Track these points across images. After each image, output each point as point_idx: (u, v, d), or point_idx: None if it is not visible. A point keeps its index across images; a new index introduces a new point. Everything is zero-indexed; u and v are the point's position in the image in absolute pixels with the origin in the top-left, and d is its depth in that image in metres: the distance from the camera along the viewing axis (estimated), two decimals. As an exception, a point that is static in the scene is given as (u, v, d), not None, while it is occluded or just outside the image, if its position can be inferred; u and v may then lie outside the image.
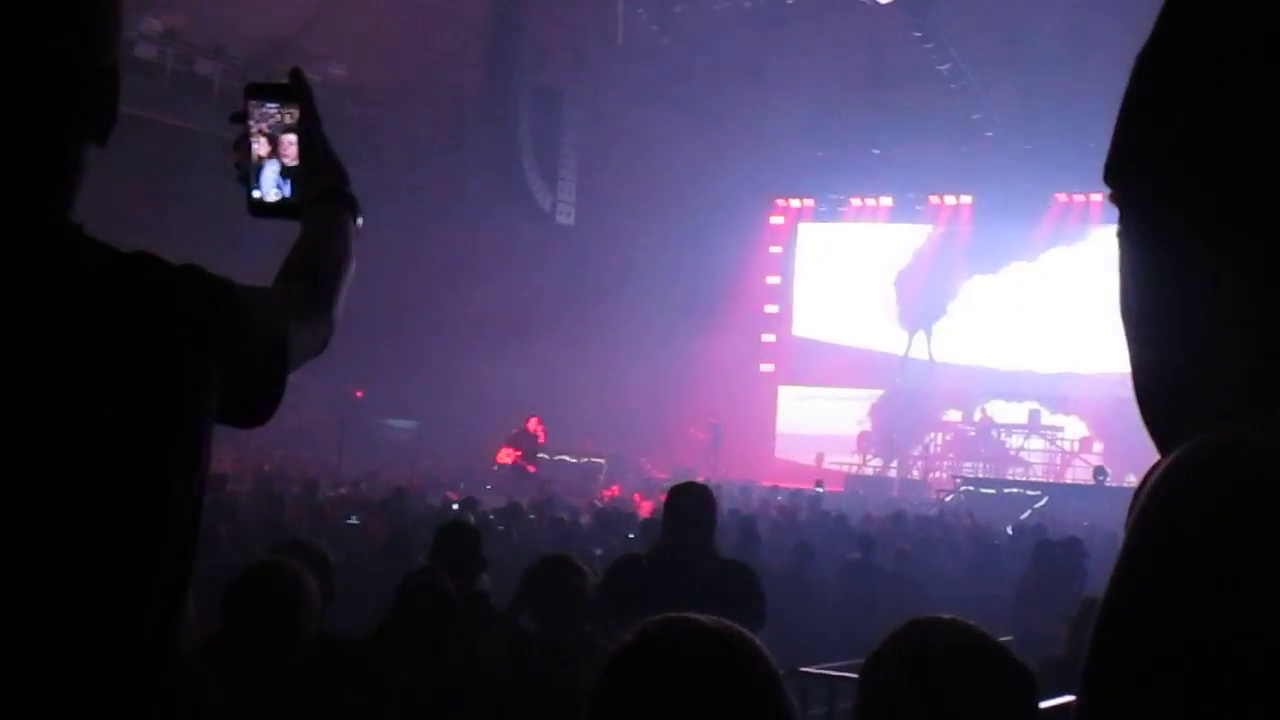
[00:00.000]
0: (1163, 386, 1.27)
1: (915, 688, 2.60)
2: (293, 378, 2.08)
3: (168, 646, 1.82)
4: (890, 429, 36.38)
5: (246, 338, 1.97)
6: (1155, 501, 1.14)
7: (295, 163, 2.45)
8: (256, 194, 2.46)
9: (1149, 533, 1.13)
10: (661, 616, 2.19)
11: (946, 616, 2.74)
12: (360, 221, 2.45)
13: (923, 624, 2.70)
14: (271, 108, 2.45)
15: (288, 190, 2.45)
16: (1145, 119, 1.27)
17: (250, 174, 2.46)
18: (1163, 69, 1.26)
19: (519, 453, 29.04)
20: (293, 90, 2.46)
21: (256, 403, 2.05)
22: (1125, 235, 1.30)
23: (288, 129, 2.45)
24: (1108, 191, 1.30)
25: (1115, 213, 1.30)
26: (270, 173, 2.45)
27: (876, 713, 2.65)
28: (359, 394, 31.77)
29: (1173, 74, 1.25)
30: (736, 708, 2.11)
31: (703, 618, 2.19)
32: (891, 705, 2.63)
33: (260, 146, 2.44)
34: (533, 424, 28.60)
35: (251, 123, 2.46)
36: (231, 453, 25.35)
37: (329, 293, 2.28)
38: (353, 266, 2.37)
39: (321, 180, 2.44)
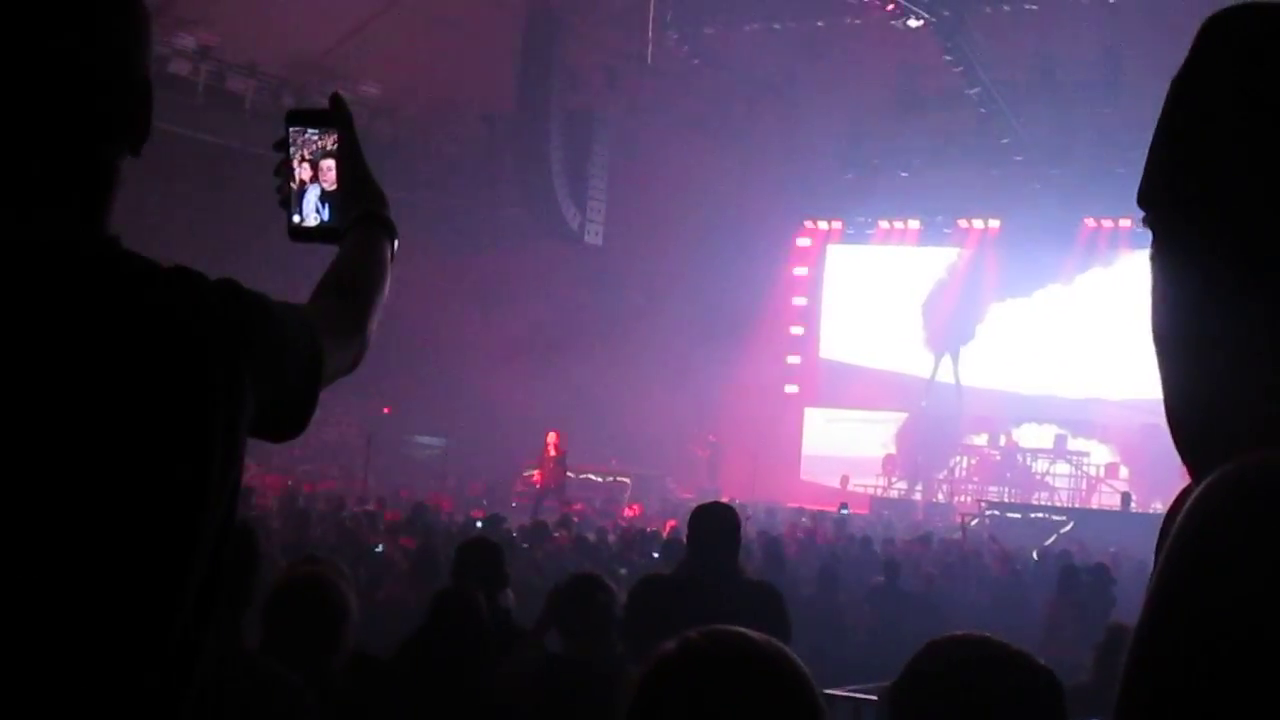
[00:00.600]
0: (1195, 410, 1.27)
1: (943, 704, 2.61)
2: (322, 394, 2.10)
3: (197, 655, 1.83)
4: (916, 452, 36.26)
5: (280, 353, 1.99)
6: (1192, 527, 1.13)
7: (335, 187, 2.46)
8: (296, 219, 2.48)
9: (1187, 558, 1.12)
10: (705, 628, 2.20)
11: (964, 633, 2.76)
12: (396, 245, 2.47)
13: (944, 642, 2.71)
14: (312, 134, 2.47)
15: (327, 215, 2.47)
16: (1181, 146, 1.27)
17: (291, 199, 2.48)
18: (1199, 97, 1.26)
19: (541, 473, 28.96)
20: (333, 116, 2.48)
21: (288, 418, 2.06)
22: (1157, 259, 1.30)
23: (328, 154, 2.46)
24: (1141, 215, 1.30)
25: (1144, 238, 1.30)
26: (311, 197, 2.47)
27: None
28: (386, 411, 31.83)
29: (1209, 102, 1.25)
30: None
31: (746, 631, 2.19)
32: (921, 713, 2.64)
33: (302, 172, 2.46)
34: (550, 439, 28.58)
35: (293, 149, 2.47)
36: (256, 468, 25.41)
37: (363, 312, 2.30)
38: (387, 288, 2.39)
39: (361, 204, 2.46)
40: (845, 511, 27.09)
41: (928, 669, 2.66)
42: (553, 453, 28.09)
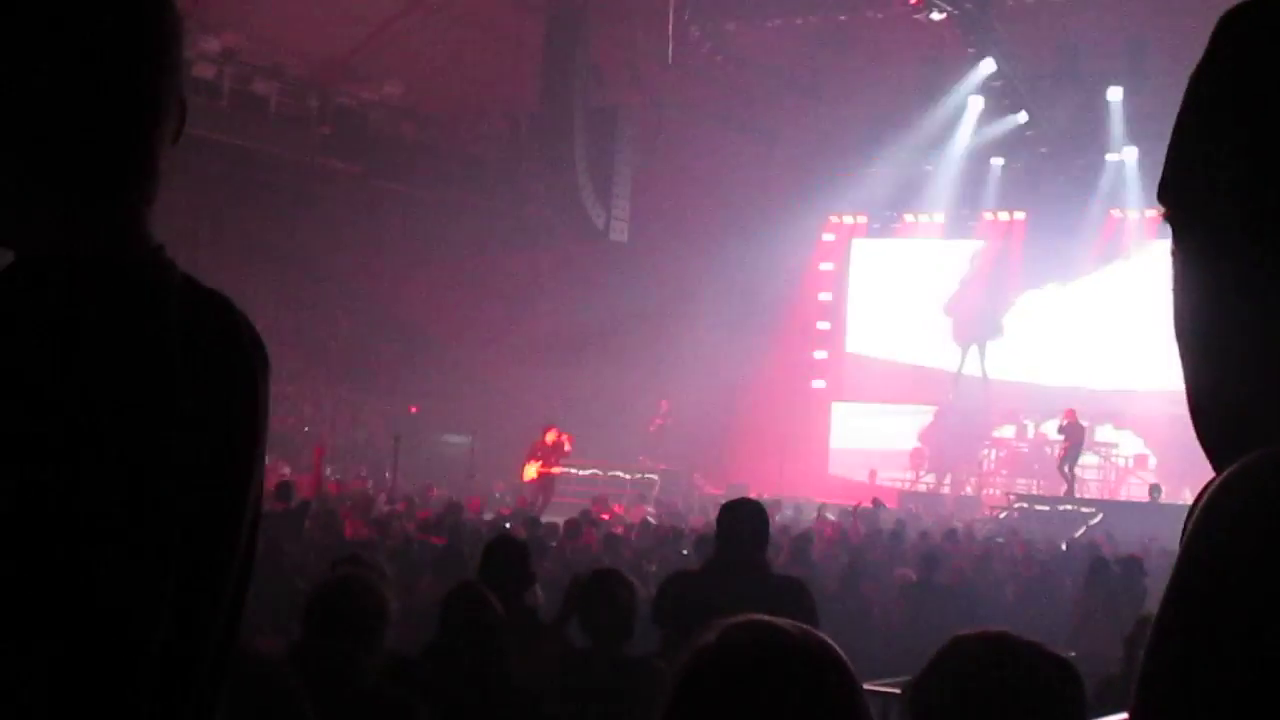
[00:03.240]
0: (1217, 404, 1.27)
1: (961, 700, 2.62)
2: (350, 394, 2.11)
3: (227, 661, 1.85)
4: (944, 446, 36.20)
5: None
6: (1210, 518, 1.14)
7: None
8: None
9: (1204, 549, 1.13)
10: (744, 618, 2.20)
11: (983, 628, 2.77)
12: None
13: (962, 638, 2.73)
14: None
15: None
16: (1198, 141, 1.27)
17: None
18: (1216, 91, 1.26)
19: (542, 464, 28.89)
20: None
21: None
22: (1178, 254, 1.30)
23: None
24: (1162, 210, 1.30)
25: (1168, 230, 1.30)
26: None
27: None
28: (414, 410, 31.87)
29: (1226, 97, 1.25)
30: (817, 714, 2.11)
31: (785, 622, 2.19)
32: (936, 712, 2.65)
33: None
34: (551, 435, 28.64)
35: None
36: (285, 465, 25.49)
37: None
38: None
39: None
40: (879, 506, 26.87)
41: (945, 665, 2.67)
42: (565, 450, 28.18)
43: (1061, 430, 29.80)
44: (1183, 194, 1.29)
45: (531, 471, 28.85)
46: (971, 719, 2.63)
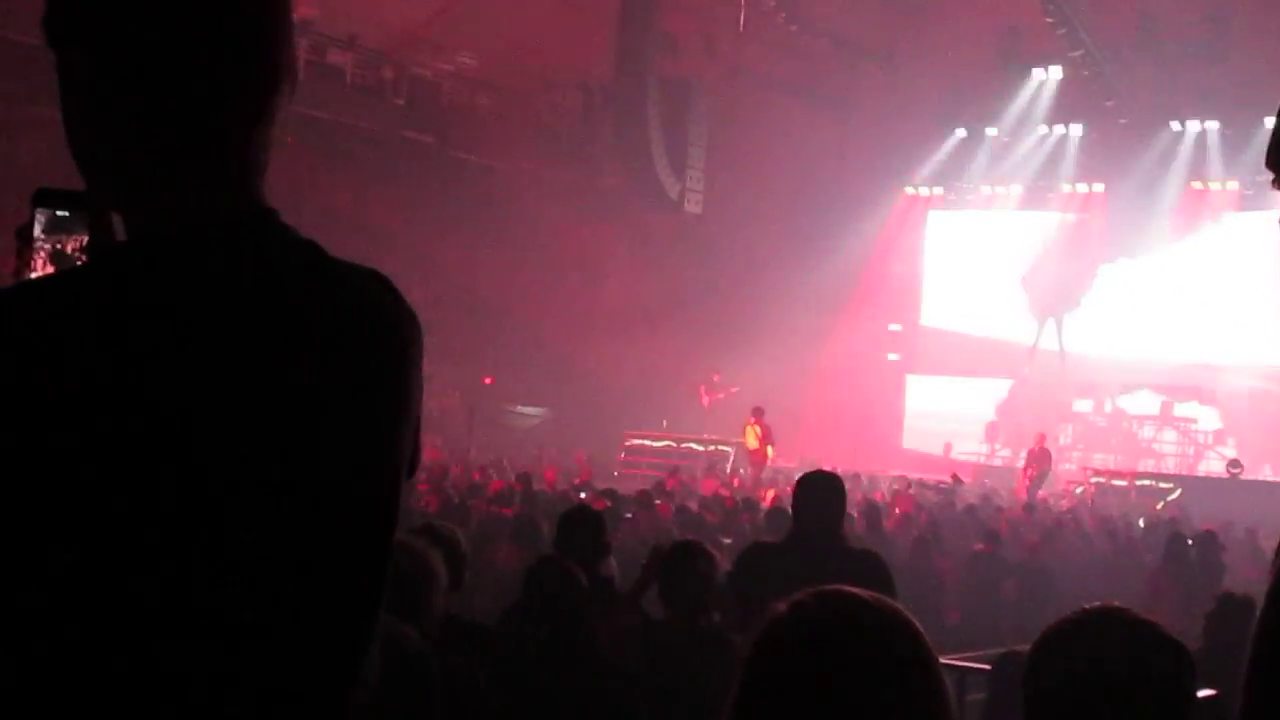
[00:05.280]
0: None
1: (1078, 667, 2.64)
2: (424, 365, 2.10)
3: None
4: (1020, 420, 35.94)
5: None
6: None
7: None
8: None
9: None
10: (817, 588, 2.19)
11: (1112, 605, 2.79)
12: None
13: (1088, 611, 2.75)
14: (62, 217, 2.02)
15: None
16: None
17: None
18: None
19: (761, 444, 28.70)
20: (85, 200, 2.06)
21: None
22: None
23: (78, 246, 2.03)
24: (1273, 175, 1.28)
25: (1253, 200, 1.28)
26: None
27: (1040, 692, 2.69)
28: (488, 381, 32.00)
29: None
30: (892, 683, 2.10)
31: (860, 591, 2.18)
32: (1054, 685, 2.66)
33: (42, 264, 2.01)
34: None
35: (39, 240, 2.02)
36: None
37: None
38: None
39: None
40: (960, 483, 26.58)
41: (1067, 634, 2.70)
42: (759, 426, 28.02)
43: (1030, 455, 28.71)
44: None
45: (770, 450, 28.65)
46: (1092, 691, 2.64)
